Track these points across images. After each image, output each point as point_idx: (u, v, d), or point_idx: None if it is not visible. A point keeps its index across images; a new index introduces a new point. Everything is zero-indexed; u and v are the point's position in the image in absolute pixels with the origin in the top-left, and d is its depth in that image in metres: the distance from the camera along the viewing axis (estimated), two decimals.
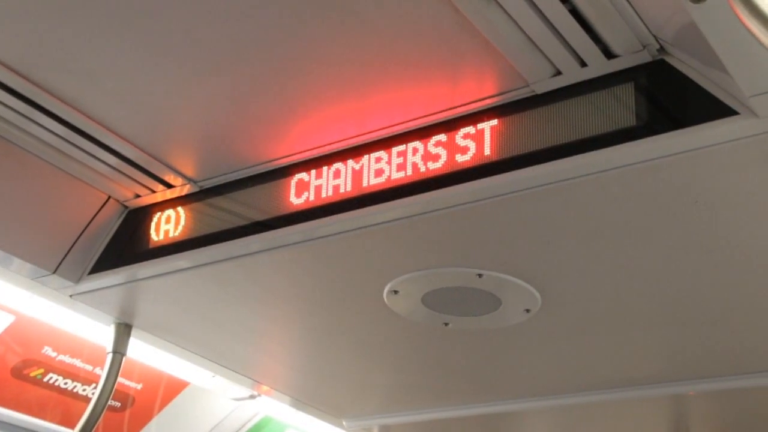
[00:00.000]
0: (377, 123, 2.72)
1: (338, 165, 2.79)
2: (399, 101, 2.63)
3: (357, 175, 2.74)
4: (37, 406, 4.29)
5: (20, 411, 4.24)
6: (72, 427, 3.54)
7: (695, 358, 3.49)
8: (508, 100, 2.56)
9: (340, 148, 2.81)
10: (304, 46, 2.45)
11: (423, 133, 2.67)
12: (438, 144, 2.63)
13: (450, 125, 2.63)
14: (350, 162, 2.77)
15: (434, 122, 2.67)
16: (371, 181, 2.71)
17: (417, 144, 2.66)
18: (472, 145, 2.57)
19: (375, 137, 2.75)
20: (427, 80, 2.55)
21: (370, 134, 2.75)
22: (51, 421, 4.35)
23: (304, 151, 2.86)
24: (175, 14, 2.35)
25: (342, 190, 2.76)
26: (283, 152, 2.88)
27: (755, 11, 1.50)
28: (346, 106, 2.67)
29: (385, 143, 2.72)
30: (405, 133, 2.70)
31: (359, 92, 2.61)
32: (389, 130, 2.72)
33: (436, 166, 2.61)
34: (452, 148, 2.60)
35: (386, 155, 2.70)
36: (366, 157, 2.74)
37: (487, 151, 2.54)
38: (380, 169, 2.70)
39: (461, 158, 2.58)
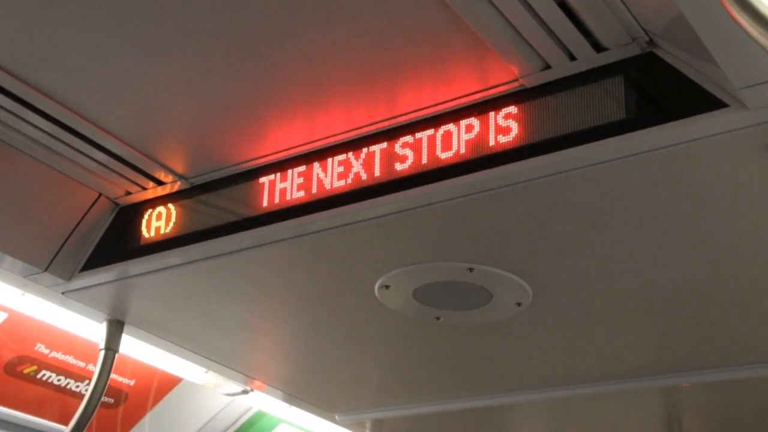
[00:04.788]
0: (366, 119, 2.71)
1: (329, 160, 2.79)
2: (387, 97, 2.63)
3: (348, 170, 2.74)
4: (30, 403, 4.29)
5: (14, 408, 4.24)
6: (66, 423, 3.54)
7: (687, 350, 3.50)
8: (498, 95, 2.56)
9: (331, 144, 2.81)
10: (293, 43, 2.44)
11: (413, 128, 2.67)
12: (428, 139, 2.62)
13: (439, 120, 2.63)
14: (341, 157, 2.77)
15: (424, 117, 2.67)
16: (362, 177, 2.71)
17: (407, 139, 2.66)
18: (461, 140, 2.57)
19: (364, 133, 2.75)
20: (416, 76, 2.55)
21: (359, 130, 2.75)
22: (45, 417, 4.35)
23: (296, 147, 2.86)
24: (165, 13, 2.35)
25: (334, 185, 2.76)
26: (274, 148, 2.88)
27: (744, 5, 1.50)
28: (336, 102, 2.67)
29: (375, 139, 2.72)
30: (395, 128, 2.70)
31: (348, 88, 2.61)
32: (378, 125, 2.72)
33: (426, 161, 2.61)
34: (442, 143, 2.60)
35: (376, 150, 2.70)
36: (356, 152, 2.74)
37: (476, 146, 2.54)
38: (371, 165, 2.70)
39: (450, 153, 2.58)
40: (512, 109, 2.52)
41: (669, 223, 2.62)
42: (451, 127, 2.60)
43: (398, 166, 2.65)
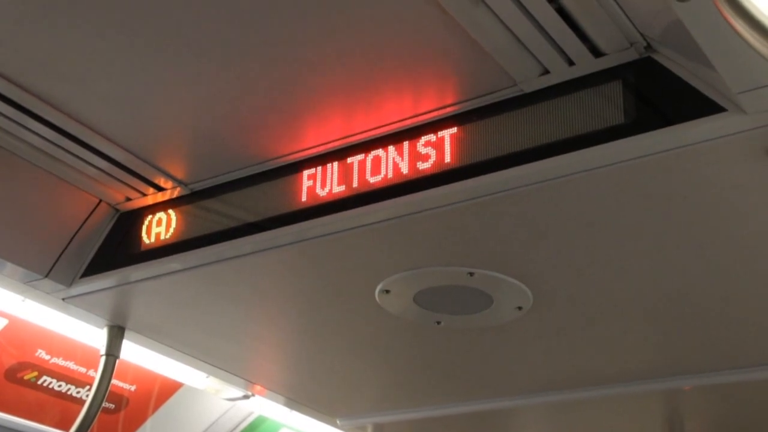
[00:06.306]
0: (365, 124, 2.72)
1: (328, 166, 2.79)
2: (386, 103, 2.64)
3: (347, 175, 2.74)
4: (31, 409, 4.28)
5: (15, 414, 4.24)
6: (67, 429, 3.54)
7: (687, 353, 3.50)
8: (497, 100, 2.57)
9: (330, 149, 2.82)
10: (292, 48, 2.45)
11: (412, 133, 2.67)
12: (427, 144, 2.63)
13: (439, 125, 2.64)
14: (340, 163, 2.77)
15: (423, 122, 2.67)
16: (361, 182, 2.71)
17: (406, 144, 2.66)
18: (461, 144, 2.58)
19: (364, 138, 2.75)
20: (415, 81, 2.56)
21: (359, 135, 2.76)
22: (45, 423, 4.34)
23: (294, 153, 2.87)
24: (164, 18, 2.35)
25: (333, 191, 2.76)
26: (272, 154, 2.89)
27: (740, 11, 1.50)
28: (335, 107, 2.67)
29: (374, 144, 2.73)
30: (393, 133, 2.71)
31: (347, 93, 2.61)
32: (378, 131, 2.73)
33: (425, 166, 2.61)
34: (442, 148, 2.60)
35: (375, 156, 2.71)
36: (355, 157, 2.74)
37: (476, 151, 2.54)
38: (370, 170, 2.70)
39: (451, 158, 2.58)
40: (510, 114, 2.52)
41: (668, 227, 2.62)
42: (448, 132, 2.61)
43: (398, 172, 2.65)
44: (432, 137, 2.63)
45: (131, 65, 2.54)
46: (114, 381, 3.61)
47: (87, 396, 3.62)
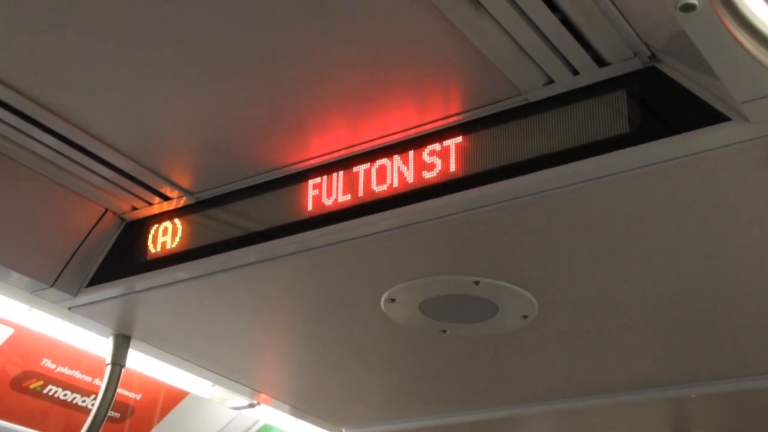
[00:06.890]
0: (371, 133, 2.72)
1: (334, 175, 2.80)
2: (391, 112, 2.64)
3: (353, 185, 2.75)
4: (36, 418, 4.29)
5: (20, 423, 4.24)
6: None
7: (693, 361, 3.50)
8: (501, 109, 2.57)
9: (336, 159, 2.82)
10: (298, 58, 2.46)
11: (417, 142, 2.68)
12: (433, 153, 2.63)
13: (445, 134, 2.64)
14: (345, 172, 2.78)
15: (428, 131, 2.68)
16: (367, 191, 2.72)
17: (412, 153, 2.67)
18: (466, 153, 2.58)
19: (369, 147, 2.76)
20: (420, 91, 2.56)
21: (364, 145, 2.76)
22: None
23: (299, 163, 2.87)
24: (170, 28, 2.36)
25: (338, 200, 2.76)
26: (277, 163, 2.89)
27: (742, 21, 1.51)
28: (341, 116, 2.68)
29: (380, 153, 2.73)
30: (399, 143, 2.71)
31: (353, 103, 2.62)
32: (383, 140, 2.73)
33: (430, 175, 2.61)
34: (447, 157, 2.61)
35: (380, 165, 2.71)
36: (361, 167, 2.75)
37: (481, 160, 2.55)
38: (376, 179, 2.71)
39: (456, 167, 2.58)
40: (515, 124, 2.52)
41: (672, 235, 2.62)
42: (453, 141, 2.61)
43: (403, 181, 2.66)
44: (437, 146, 2.63)
45: (137, 75, 2.55)
46: (119, 390, 3.62)
47: (92, 405, 3.62)
